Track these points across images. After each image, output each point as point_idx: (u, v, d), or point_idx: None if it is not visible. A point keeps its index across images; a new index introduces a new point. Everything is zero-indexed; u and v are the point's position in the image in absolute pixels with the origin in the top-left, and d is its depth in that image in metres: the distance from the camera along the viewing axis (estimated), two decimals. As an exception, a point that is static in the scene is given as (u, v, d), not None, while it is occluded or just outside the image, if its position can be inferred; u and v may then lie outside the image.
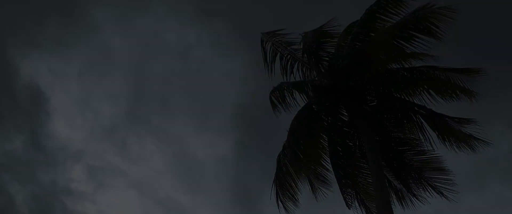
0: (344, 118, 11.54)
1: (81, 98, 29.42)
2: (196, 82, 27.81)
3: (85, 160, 28.51)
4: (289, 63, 11.68)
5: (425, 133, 10.56)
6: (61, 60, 28.70)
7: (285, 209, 10.71)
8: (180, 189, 29.07)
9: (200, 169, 28.12)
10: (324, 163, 10.94)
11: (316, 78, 11.40)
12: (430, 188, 11.01)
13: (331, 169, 11.07)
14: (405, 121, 10.82)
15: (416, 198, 11.23)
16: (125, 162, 29.38)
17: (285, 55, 11.63)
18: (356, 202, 11.27)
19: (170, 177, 29.28)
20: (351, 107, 10.95)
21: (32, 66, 28.37)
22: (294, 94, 11.02)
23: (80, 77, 28.79)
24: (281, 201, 10.71)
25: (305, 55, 11.28)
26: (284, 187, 10.71)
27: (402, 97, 10.73)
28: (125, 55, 28.67)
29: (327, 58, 11.30)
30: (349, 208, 11.06)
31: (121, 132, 28.79)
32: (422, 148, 10.93)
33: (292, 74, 11.61)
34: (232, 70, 26.17)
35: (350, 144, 11.36)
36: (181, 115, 28.58)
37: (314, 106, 11.01)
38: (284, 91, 10.92)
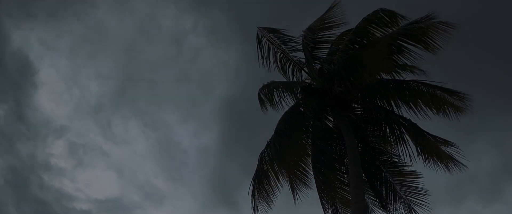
0: (328, 123, 11.58)
1: (70, 74, 29.09)
2: (187, 70, 27.69)
3: (67, 136, 28.24)
4: (281, 61, 11.65)
5: (406, 147, 10.71)
6: (54, 33, 28.31)
7: (259, 208, 10.68)
8: (160, 176, 29.04)
9: (183, 158, 28.10)
10: (305, 166, 10.91)
11: (306, 79, 11.42)
12: (403, 202, 11.12)
13: (312, 172, 11.08)
14: (388, 133, 10.94)
15: (388, 211, 11.31)
16: (108, 142, 29.19)
17: (279, 54, 11.60)
18: (330, 209, 11.31)
19: (152, 162, 29.23)
20: (338, 112, 11.00)
21: (24, 36, 27.94)
22: (283, 94, 11.02)
23: (72, 52, 28.46)
24: (257, 200, 10.65)
25: (303, 52, 11.24)
26: (262, 186, 10.65)
27: (388, 108, 10.83)
28: (119, 35, 28.39)
29: (319, 61, 11.31)
30: (325, 213, 11.08)
31: (107, 112, 28.58)
32: (400, 163, 11.07)
33: (284, 73, 11.64)
34: (225, 61, 26.07)
35: (332, 149, 11.40)
36: (169, 102, 28.47)
37: (301, 108, 11.01)
38: (273, 89, 10.89)
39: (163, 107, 28.50)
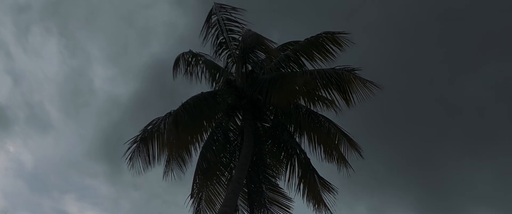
0: (237, 122, 11.58)
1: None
2: (135, 14, 26.40)
3: (-24, 22, 25.42)
4: (221, 46, 11.59)
5: (292, 175, 10.97)
6: None
7: (134, 166, 10.37)
8: (56, 104, 27.02)
9: (88, 97, 26.52)
10: (192, 150, 10.73)
11: (234, 74, 11.36)
12: None
13: (196, 158, 10.89)
14: (282, 155, 11.17)
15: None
16: (18, 46, 26.71)
17: (221, 38, 11.51)
18: (195, 198, 11.14)
19: (54, 87, 27.12)
20: (248, 117, 10.98)
21: None
22: (206, 71, 10.80)
23: None
24: (135, 156, 10.34)
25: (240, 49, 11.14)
26: (145, 147, 10.34)
27: (293, 133, 11.10)
28: None
29: (253, 63, 11.27)
30: (190, 198, 10.87)
31: (31, 17, 26.19)
32: (281, 187, 11.38)
33: (218, 56, 11.61)
34: (175, 24, 25.16)
35: (225, 148, 11.33)
36: (101, 37, 26.87)
37: (218, 97, 10.88)
38: (199, 61, 10.62)
39: (93, 39, 26.81)
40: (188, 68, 10.92)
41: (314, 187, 10.75)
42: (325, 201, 10.82)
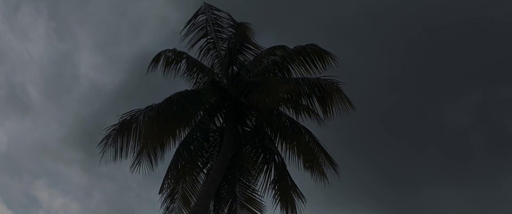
0: (216, 123, 11.50)
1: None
2: (128, 6, 26.17)
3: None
4: (208, 46, 11.58)
5: (266, 180, 10.95)
6: None
7: (104, 154, 10.19)
8: (39, 87, 26.56)
9: (72, 82, 26.14)
10: (167, 146, 10.56)
11: (220, 75, 11.29)
12: None
13: (169, 155, 10.71)
14: (260, 160, 11.15)
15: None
16: (5, 24, 26.26)
17: (209, 38, 11.50)
18: (167, 195, 11.01)
19: (38, 69, 26.69)
20: (230, 119, 10.95)
21: None
22: (191, 71, 10.78)
23: None
24: (110, 143, 10.17)
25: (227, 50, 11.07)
26: (120, 140, 10.17)
27: (273, 139, 11.08)
28: None
29: (239, 64, 11.26)
30: (159, 193, 10.73)
31: (24, -1, 25.82)
32: (255, 190, 11.31)
33: (204, 56, 11.63)
34: (169, 19, 24.95)
35: (204, 147, 11.19)
36: (92, 24, 26.52)
37: (201, 96, 10.78)
38: (183, 59, 10.56)
39: (84, 26, 26.49)
40: (168, 67, 10.83)
41: (287, 193, 10.76)
42: (295, 208, 10.83)
